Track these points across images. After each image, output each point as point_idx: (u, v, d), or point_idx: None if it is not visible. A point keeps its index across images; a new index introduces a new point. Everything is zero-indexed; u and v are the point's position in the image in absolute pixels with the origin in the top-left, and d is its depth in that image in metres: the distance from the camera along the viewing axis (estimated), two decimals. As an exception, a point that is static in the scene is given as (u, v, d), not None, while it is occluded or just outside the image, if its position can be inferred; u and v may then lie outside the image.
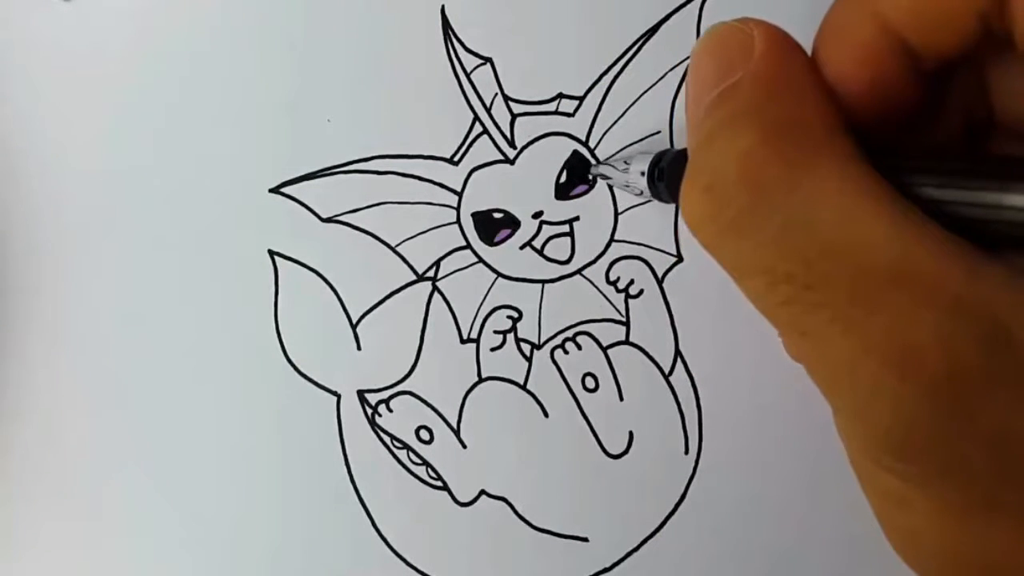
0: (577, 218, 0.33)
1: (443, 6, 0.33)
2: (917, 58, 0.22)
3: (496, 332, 0.33)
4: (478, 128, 0.33)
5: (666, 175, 0.29)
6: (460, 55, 0.33)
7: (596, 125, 0.33)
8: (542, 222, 0.33)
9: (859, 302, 0.20)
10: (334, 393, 0.34)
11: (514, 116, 0.33)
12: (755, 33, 0.22)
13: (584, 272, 0.33)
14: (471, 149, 0.33)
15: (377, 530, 0.34)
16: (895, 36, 0.22)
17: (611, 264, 0.33)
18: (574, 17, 0.33)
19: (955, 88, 0.24)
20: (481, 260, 0.33)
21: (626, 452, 0.33)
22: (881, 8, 0.21)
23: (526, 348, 0.33)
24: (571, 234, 0.33)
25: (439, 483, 0.34)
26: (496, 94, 0.33)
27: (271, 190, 0.33)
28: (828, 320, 0.20)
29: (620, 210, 0.33)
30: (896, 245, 0.19)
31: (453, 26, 0.33)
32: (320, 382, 0.34)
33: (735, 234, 0.21)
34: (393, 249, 0.33)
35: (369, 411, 0.34)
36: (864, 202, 0.20)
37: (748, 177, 0.21)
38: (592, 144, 0.33)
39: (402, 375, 0.34)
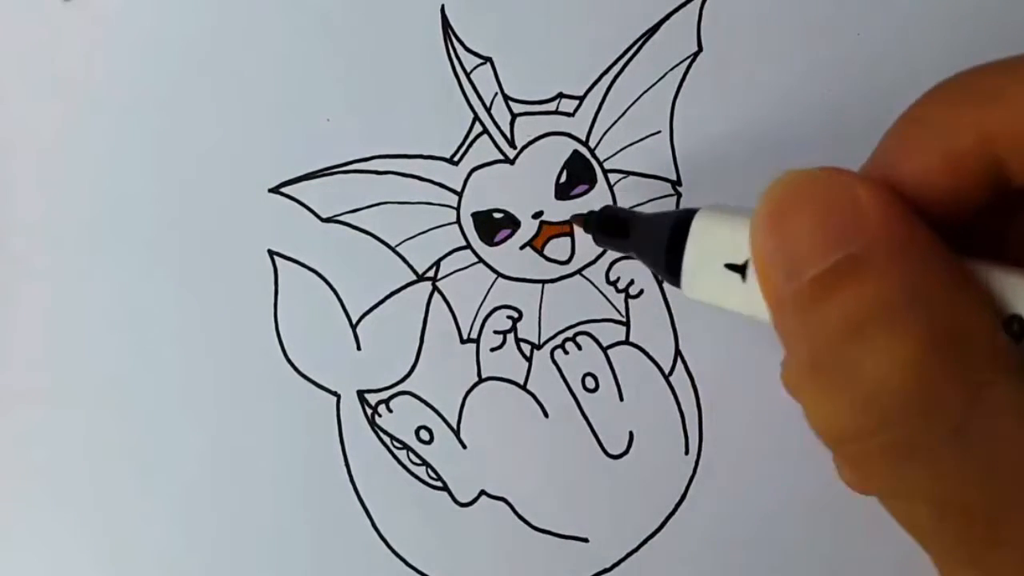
0: (577, 218, 0.33)
1: (443, 6, 0.33)
2: (1005, 176, 0.20)
3: (496, 332, 0.33)
4: (478, 128, 0.33)
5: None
6: (460, 55, 0.33)
7: (596, 125, 0.33)
8: (542, 222, 0.33)
9: None
10: (334, 393, 0.34)
11: (514, 116, 0.33)
12: (860, 192, 0.19)
13: (584, 272, 0.33)
14: (471, 149, 0.33)
15: (377, 530, 0.34)
16: (991, 152, 0.20)
17: (611, 264, 0.33)
18: (574, 17, 0.33)
19: None
20: (481, 260, 0.33)
21: (626, 452, 0.33)
22: (987, 124, 0.19)
23: (526, 348, 0.33)
24: (571, 234, 0.33)
25: (439, 483, 0.34)
26: (496, 94, 0.33)
27: (271, 190, 0.33)
28: (1014, 563, 0.18)
29: (620, 210, 0.33)
30: None
31: (453, 26, 0.33)
32: (320, 382, 0.34)
33: (897, 456, 0.19)
34: (393, 249, 0.33)
35: (369, 411, 0.34)
36: None
37: (921, 394, 0.18)
38: (592, 144, 0.33)
39: (402, 375, 0.34)
